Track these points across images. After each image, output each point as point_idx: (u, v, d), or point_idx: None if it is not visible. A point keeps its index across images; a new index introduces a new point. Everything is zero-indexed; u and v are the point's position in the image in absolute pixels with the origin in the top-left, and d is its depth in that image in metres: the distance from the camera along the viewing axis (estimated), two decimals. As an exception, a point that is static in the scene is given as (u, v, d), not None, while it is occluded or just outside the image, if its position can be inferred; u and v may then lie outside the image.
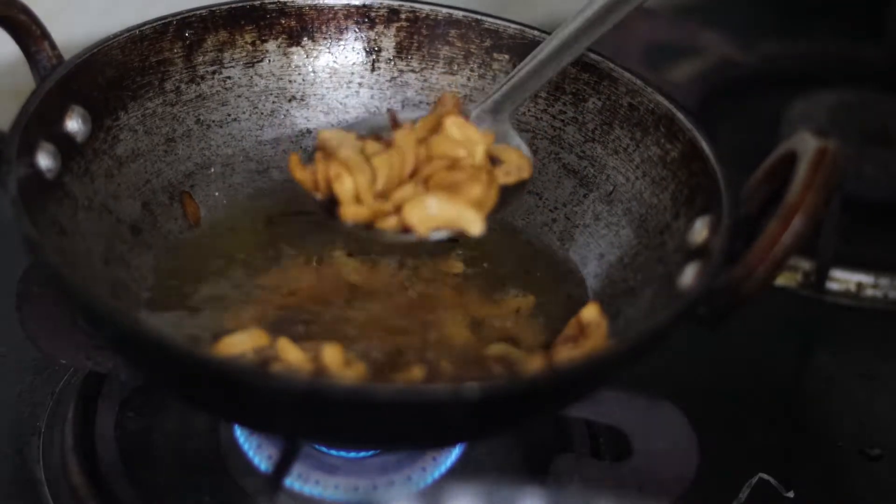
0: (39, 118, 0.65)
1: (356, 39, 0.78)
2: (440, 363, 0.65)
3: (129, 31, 0.72)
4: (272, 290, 0.69)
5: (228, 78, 0.76)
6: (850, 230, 0.84)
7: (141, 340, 0.58)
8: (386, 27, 0.78)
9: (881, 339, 0.83)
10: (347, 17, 0.78)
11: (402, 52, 0.78)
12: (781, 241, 0.60)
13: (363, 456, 0.67)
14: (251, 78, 0.77)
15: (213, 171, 0.76)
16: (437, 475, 0.67)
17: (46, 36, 0.70)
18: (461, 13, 0.78)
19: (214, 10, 0.75)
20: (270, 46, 0.77)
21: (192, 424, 0.69)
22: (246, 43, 0.77)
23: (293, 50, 0.78)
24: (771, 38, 1.07)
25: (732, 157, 0.67)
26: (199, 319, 0.67)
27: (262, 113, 0.77)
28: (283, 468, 0.63)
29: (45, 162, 0.65)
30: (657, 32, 1.01)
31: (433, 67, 0.78)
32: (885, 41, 1.08)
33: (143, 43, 0.73)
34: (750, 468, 0.70)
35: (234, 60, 0.76)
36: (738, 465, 0.70)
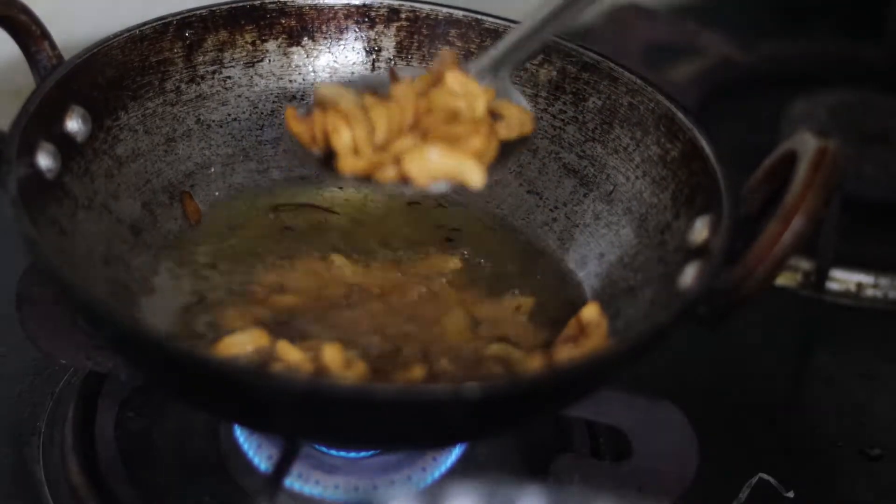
0: (39, 118, 0.65)
1: (356, 39, 0.78)
2: (440, 363, 0.65)
3: (129, 31, 0.72)
4: (272, 289, 0.69)
5: (228, 78, 0.76)
6: (850, 230, 0.83)
7: (141, 340, 0.58)
8: (386, 27, 0.78)
9: (881, 339, 0.83)
10: (348, 16, 0.78)
11: (402, 51, 0.78)
12: (781, 241, 0.60)
13: (363, 456, 0.67)
14: (251, 78, 0.77)
15: (213, 170, 0.76)
16: (437, 475, 0.67)
17: (46, 36, 0.70)
18: (461, 13, 0.78)
19: (214, 9, 0.75)
20: (271, 46, 0.77)
21: (192, 424, 0.69)
22: (246, 43, 0.77)
23: (293, 50, 0.78)
24: (771, 38, 1.07)
25: (732, 157, 0.67)
26: (198, 319, 0.67)
27: (262, 113, 0.77)
28: (283, 468, 0.63)
29: (45, 162, 0.65)
30: (657, 32, 1.01)
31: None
32: (885, 41, 1.08)
33: (143, 43, 0.73)
34: (750, 468, 0.70)
35: (234, 60, 0.76)
36: (738, 465, 0.70)
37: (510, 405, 0.58)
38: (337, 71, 0.78)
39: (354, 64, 0.78)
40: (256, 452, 0.67)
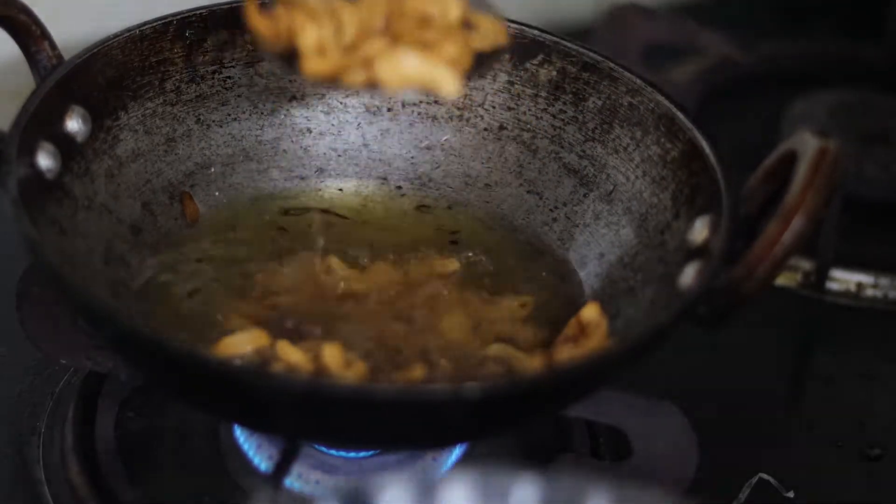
0: (39, 118, 0.65)
1: (356, 39, 0.78)
2: (440, 363, 0.65)
3: (129, 31, 0.72)
4: (272, 290, 0.69)
5: (229, 78, 0.76)
6: (850, 230, 0.83)
7: (141, 341, 0.58)
8: (386, 27, 0.78)
9: (881, 339, 0.83)
10: (347, 16, 0.78)
11: (402, 51, 0.78)
12: (781, 241, 0.60)
13: (363, 456, 0.67)
14: (251, 77, 0.77)
15: (213, 170, 0.75)
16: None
17: (46, 36, 0.70)
18: (461, 13, 0.77)
19: (214, 9, 0.75)
20: (270, 46, 0.77)
21: (192, 424, 0.69)
22: (246, 42, 0.76)
23: (293, 50, 0.78)
24: (771, 38, 1.06)
25: (732, 157, 0.67)
26: (198, 319, 0.67)
27: (262, 113, 0.77)
28: (283, 468, 0.63)
29: (45, 162, 0.65)
30: (657, 32, 1.01)
31: (433, 67, 0.78)
32: (885, 41, 1.08)
33: (143, 43, 0.73)
34: (750, 468, 0.70)
35: (234, 60, 0.76)
36: (738, 465, 0.70)
37: (510, 405, 0.58)
38: (337, 71, 0.78)
39: (354, 64, 0.78)
40: (256, 452, 0.67)
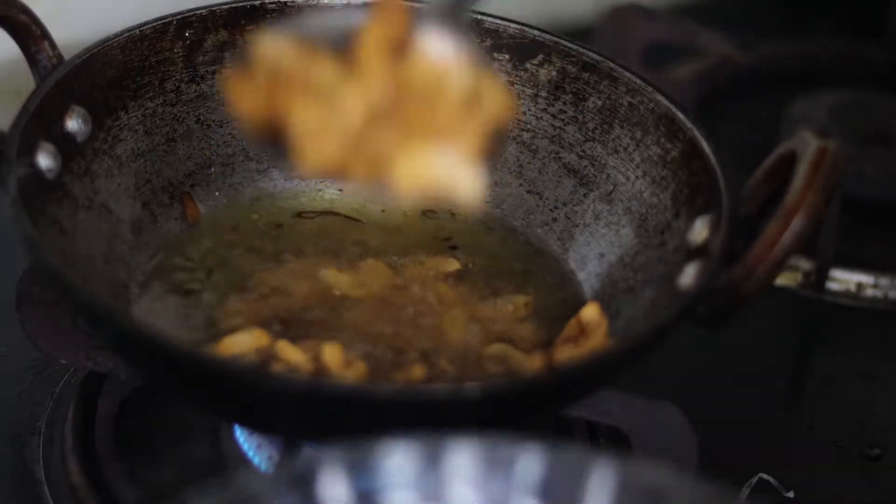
0: (39, 118, 0.65)
1: (356, 39, 0.78)
2: (440, 363, 0.65)
3: (129, 31, 0.72)
4: (272, 290, 0.69)
5: (228, 78, 0.76)
6: (850, 230, 0.83)
7: (141, 341, 0.58)
8: (386, 27, 0.78)
9: (881, 339, 0.83)
10: (347, 16, 0.78)
11: (402, 51, 0.78)
12: (781, 241, 0.60)
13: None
14: (251, 78, 0.77)
15: (213, 170, 0.75)
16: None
17: (46, 36, 0.70)
18: (461, 13, 0.77)
19: (215, 9, 0.75)
20: (270, 46, 0.77)
21: (192, 424, 0.69)
22: (246, 43, 0.76)
23: (293, 50, 0.77)
24: (771, 38, 1.06)
25: (732, 157, 0.67)
26: (198, 319, 0.67)
27: (262, 113, 0.77)
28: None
29: (45, 162, 0.65)
30: (657, 32, 1.01)
31: (433, 67, 0.78)
32: (885, 41, 1.08)
33: (143, 43, 0.73)
34: (750, 468, 0.70)
35: (234, 60, 0.76)
36: (738, 465, 0.70)
37: (510, 405, 0.58)
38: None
39: (354, 64, 0.78)
40: (256, 452, 0.67)
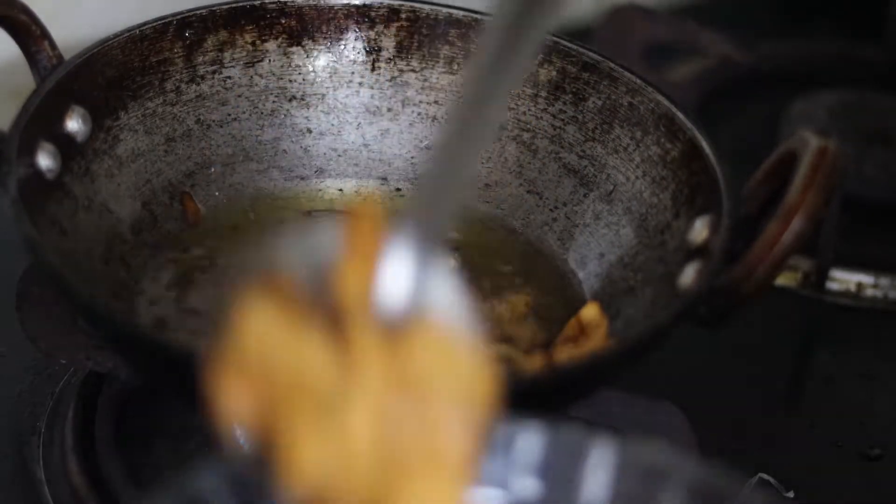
0: (39, 118, 0.65)
1: (356, 39, 0.78)
2: (440, 363, 0.65)
3: (129, 31, 0.72)
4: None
5: (228, 78, 0.76)
6: (850, 230, 0.83)
7: (141, 341, 0.58)
8: (386, 27, 0.78)
9: (881, 339, 0.83)
10: (347, 16, 0.78)
11: (402, 51, 0.78)
12: (781, 241, 0.60)
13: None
14: (251, 78, 0.77)
15: (213, 170, 0.75)
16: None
17: (46, 36, 0.70)
18: (461, 13, 0.77)
19: (214, 9, 0.75)
20: (270, 46, 0.77)
21: (192, 424, 0.69)
22: (246, 43, 0.76)
23: (293, 50, 0.78)
24: (771, 38, 1.06)
25: (732, 157, 0.67)
26: (198, 319, 0.67)
27: (262, 113, 0.77)
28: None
29: (45, 162, 0.65)
30: (657, 32, 1.01)
31: (433, 67, 0.78)
32: (885, 41, 1.08)
33: (143, 43, 0.73)
34: (750, 468, 0.70)
35: (234, 60, 0.76)
36: (738, 465, 0.70)
37: (510, 405, 0.58)
38: (337, 71, 0.78)
39: (354, 64, 0.78)
40: (256, 452, 0.67)
